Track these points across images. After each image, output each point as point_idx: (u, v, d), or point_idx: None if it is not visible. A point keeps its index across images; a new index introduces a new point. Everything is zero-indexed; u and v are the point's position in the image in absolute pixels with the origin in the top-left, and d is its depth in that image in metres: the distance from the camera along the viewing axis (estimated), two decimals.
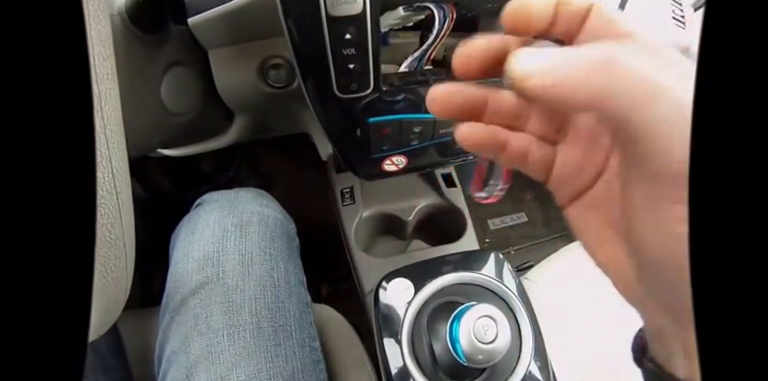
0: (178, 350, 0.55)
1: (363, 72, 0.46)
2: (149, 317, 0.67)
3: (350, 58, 0.44)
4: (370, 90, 0.48)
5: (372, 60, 0.45)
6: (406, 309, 0.63)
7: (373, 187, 0.96)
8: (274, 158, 1.49)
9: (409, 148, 0.59)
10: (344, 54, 0.43)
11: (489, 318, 0.53)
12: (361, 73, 0.46)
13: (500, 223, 1.56)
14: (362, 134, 0.53)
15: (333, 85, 0.46)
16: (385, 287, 0.66)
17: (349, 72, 0.45)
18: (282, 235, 0.67)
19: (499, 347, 0.52)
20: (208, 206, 0.67)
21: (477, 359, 0.52)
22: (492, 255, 0.71)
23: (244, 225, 0.63)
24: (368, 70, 0.46)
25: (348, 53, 0.43)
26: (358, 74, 0.46)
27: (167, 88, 0.62)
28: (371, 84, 0.47)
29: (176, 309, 0.58)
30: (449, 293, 0.64)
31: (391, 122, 0.53)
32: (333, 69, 0.45)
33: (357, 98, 0.49)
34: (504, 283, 0.66)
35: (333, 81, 0.46)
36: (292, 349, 0.57)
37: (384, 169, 0.62)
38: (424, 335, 0.61)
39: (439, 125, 0.57)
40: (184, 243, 0.63)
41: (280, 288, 0.61)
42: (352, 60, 0.44)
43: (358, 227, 0.91)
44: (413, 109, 0.53)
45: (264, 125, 0.92)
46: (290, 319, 0.59)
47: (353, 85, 0.47)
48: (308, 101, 0.51)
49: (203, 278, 0.58)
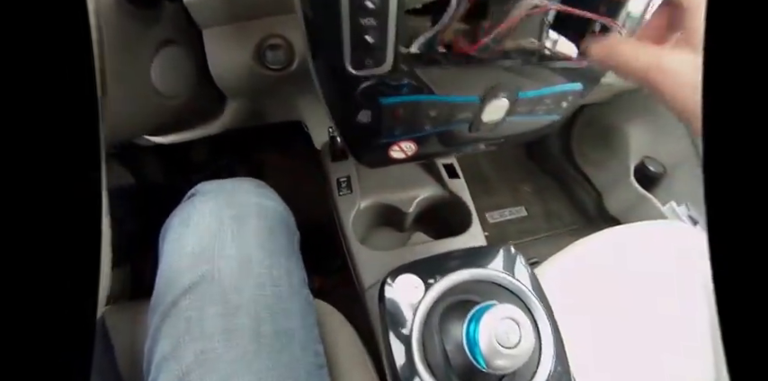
0: (169, 357, 0.49)
1: (381, 46, 0.41)
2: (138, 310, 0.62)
3: (368, 30, 0.39)
4: (388, 67, 0.43)
5: (394, 33, 0.40)
6: (416, 308, 0.59)
7: (371, 177, 0.92)
8: (266, 147, 1.45)
9: (421, 134, 0.55)
10: (363, 24, 0.38)
11: (512, 320, 0.49)
12: (379, 47, 0.41)
13: (498, 216, 1.53)
14: (373, 116, 0.49)
15: (345, 60, 0.41)
16: (391, 283, 0.61)
17: (366, 45, 0.40)
18: (283, 229, 0.62)
19: (523, 352, 0.49)
20: (202, 196, 0.61)
21: (497, 365, 0.49)
22: (502, 250, 0.67)
23: (241, 217, 0.58)
24: (386, 44, 0.41)
25: (367, 24, 0.38)
26: (375, 48, 0.41)
27: (158, 68, 0.58)
28: (390, 61, 0.43)
29: (167, 311, 0.52)
30: (461, 291, 0.60)
31: (406, 104, 0.48)
32: (348, 41, 0.40)
33: (371, 76, 0.44)
34: (518, 279, 0.62)
35: (346, 55, 0.41)
36: (295, 354, 0.52)
37: (391, 156, 0.57)
38: (437, 336, 0.56)
39: (456, 109, 0.52)
40: (176, 236, 0.57)
41: (281, 288, 0.55)
42: (370, 32, 0.39)
43: (355, 218, 0.86)
44: (428, 91, 0.49)
45: (257, 111, 0.88)
46: (292, 321, 0.54)
47: (369, 61, 0.42)
48: (314, 78, 0.46)
49: (196, 276, 0.53)
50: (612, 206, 1.54)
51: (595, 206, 1.60)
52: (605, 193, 1.57)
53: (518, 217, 1.56)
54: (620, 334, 0.72)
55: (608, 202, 1.55)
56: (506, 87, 0.53)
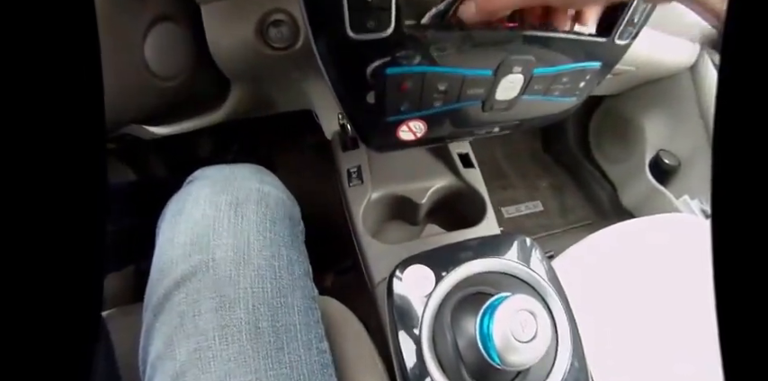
0: (163, 355, 0.46)
1: (384, 6, 0.37)
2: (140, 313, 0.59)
3: None
4: (391, 30, 0.39)
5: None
6: (427, 301, 0.55)
7: (383, 167, 0.88)
8: (273, 141, 1.42)
9: (431, 112, 0.51)
10: None
11: (528, 312, 0.45)
12: (381, 7, 0.37)
13: (515, 211, 1.52)
14: (378, 90, 0.45)
15: (345, 22, 0.38)
16: (399, 276, 0.58)
17: (366, 5, 0.36)
18: (285, 218, 0.58)
19: (539, 346, 0.45)
20: (199, 182, 0.58)
21: (512, 361, 0.45)
22: (517, 239, 0.63)
23: (240, 203, 0.54)
24: (389, 4, 0.37)
25: None
26: (377, 8, 0.37)
27: (152, 46, 0.55)
28: (392, 23, 0.39)
29: (159, 305, 0.48)
30: (474, 282, 0.56)
31: (413, 75, 0.44)
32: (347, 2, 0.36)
33: (374, 41, 0.40)
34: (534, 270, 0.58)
35: (345, 16, 0.37)
36: (297, 352, 0.49)
37: (399, 137, 0.54)
38: (448, 331, 0.53)
39: (467, 84, 0.49)
40: (170, 225, 0.53)
41: (282, 280, 0.51)
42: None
43: (366, 211, 0.83)
44: (437, 62, 0.45)
45: (263, 98, 0.84)
46: (293, 317, 0.50)
47: (371, 23, 0.38)
48: (313, 46, 0.42)
49: (190, 267, 0.49)
50: (627, 199, 1.53)
51: (610, 200, 1.59)
52: (620, 187, 1.56)
53: (534, 212, 1.54)
54: (633, 328, 0.71)
55: (623, 196, 1.55)
56: (521, 62, 0.49)
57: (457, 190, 0.89)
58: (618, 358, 0.69)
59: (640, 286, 0.75)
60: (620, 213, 1.54)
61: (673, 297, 0.74)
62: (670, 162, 1.38)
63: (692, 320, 0.72)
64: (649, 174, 1.42)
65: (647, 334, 0.71)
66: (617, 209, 1.56)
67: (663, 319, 0.72)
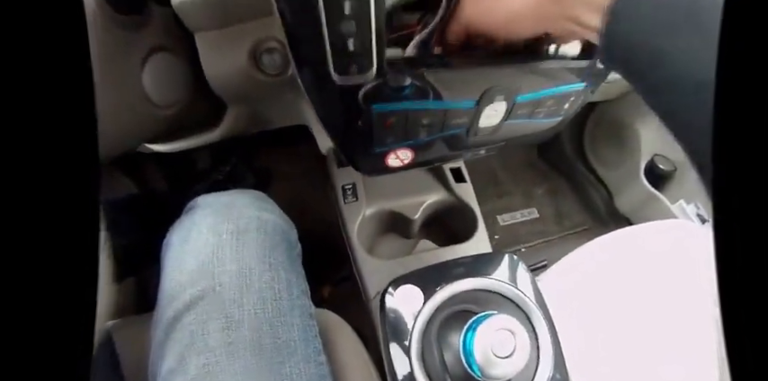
0: (175, 370, 0.50)
1: (365, 52, 0.39)
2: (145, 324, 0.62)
3: (349, 35, 0.38)
4: (373, 73, 0.42)
5: (375, 38, 0.39)
6: (416, 318, 0.58)
7: (377, 183, 0.90)
8: (271, 153, 1.44)
9: (417, 142, 0.53)
10: (343, 30, 0.37)
11: (507, 331, 0.48)
12: (363, 53, 0.39)
13: (510, 219, 1.51)
14: (364, 125, 0.47)
15: (329, 67, 0.40)
16: (392, 292, 0.61)
17: (348, 52, 0.39)
18: (283, 242, 0.62)
19: (517, 361, 0.48)
20: (201, 210, 0.61)
21: (492, 374, 0.48)
22: (506, 257, 0.65)
23: (241, 232, 0.58)
24: (370, 49, 0.40)
25: (347, 29, 0.37)
26: (359, 54, 0.39)
27: (150, 76, 0.57)
28: (374, 67, 0.41)
29: (170, 325, 0.53)
30: (461, 300, 0.59)
31: (397, 113, 0.47)
32: (329, 48, 0.38)
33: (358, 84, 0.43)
34: (519, 288, 0.60)
35: (329, 62, 0.39)
36: (297, 366, 0.53)
37: (388, 164, 0.56)
38: (435, 346, 0.56)
39: (450, 115, 0.51)
40: (176, 252, 0.57)
41: (282, 301, 0.56)
42: (352, 37, 0.38)
43: (361, 226, 0.85)
44: (421, 97, 0.47)
45: (260, 116, 0.87)
46: (293, 333, 0.55)
47: (353, 67, 0.40)
48: (301, 87, 0.45)
49: (198, 291, 0.53)
50: (623, 205, 1.53)
51: (606, 205, 1.59)
52: (616, 192, 1.56)
53: (529, 219, 1.54)
54: (628, 335, 0.71)
55: (618, 201, 1.54)
56: (503, 90, 0.51)
57: (450, 204, 0.92)
58: (614, 366, 0.69)
59: (638, 294, 0.75)
60: (615, 218, 1.55)
61: (672, 304, 0.74)
62: (665, 167, 1.38)
63: (687, 326, 0.72)
64: (645, 179, 1.42)
65: (641, 340, 0.70)
66: (613, 215, 1.56)
67: (657, 326, 0.72)
